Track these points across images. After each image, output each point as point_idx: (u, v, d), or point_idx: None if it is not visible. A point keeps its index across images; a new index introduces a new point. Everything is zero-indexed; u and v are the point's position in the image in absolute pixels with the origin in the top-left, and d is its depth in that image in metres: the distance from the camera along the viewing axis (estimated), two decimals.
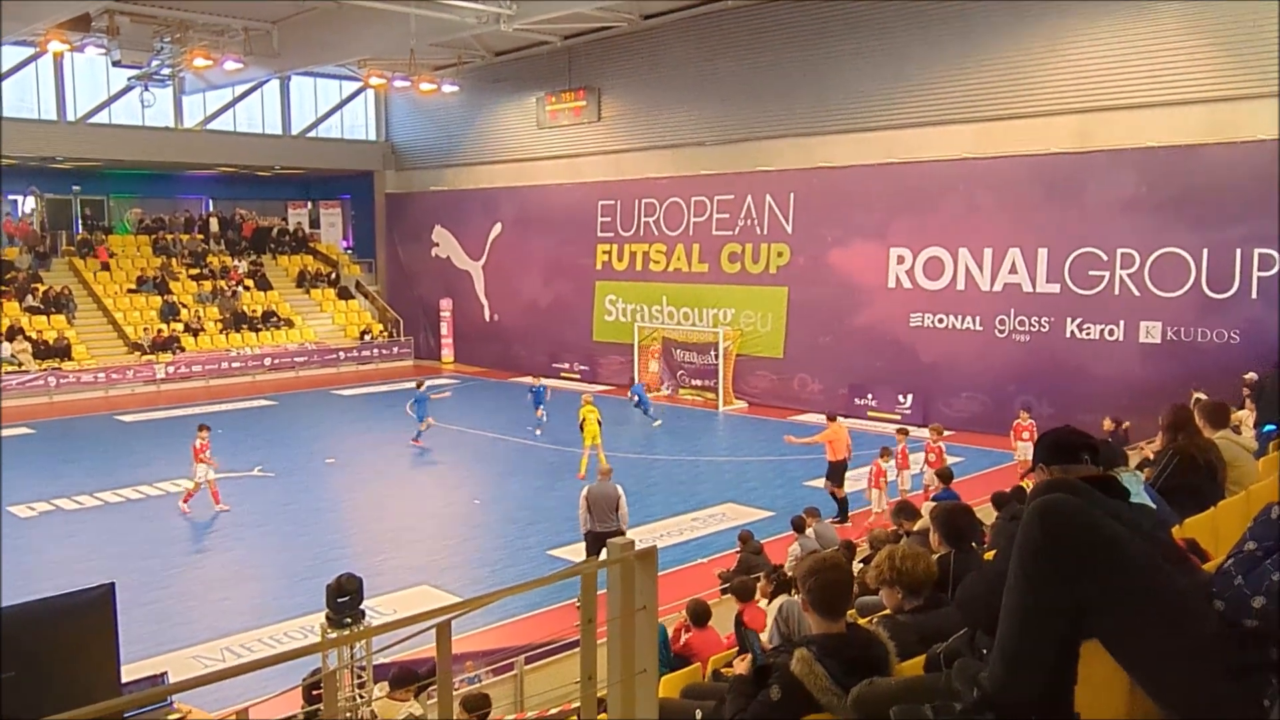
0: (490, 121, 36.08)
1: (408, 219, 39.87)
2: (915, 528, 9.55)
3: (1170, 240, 21.54)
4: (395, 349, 38.43)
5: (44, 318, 32.70)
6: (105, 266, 35.98)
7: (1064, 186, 23.15)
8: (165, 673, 10.23)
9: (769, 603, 9.75)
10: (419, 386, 24.44)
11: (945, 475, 14.21)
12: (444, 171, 38.31)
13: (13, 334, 31.15)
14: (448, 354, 37.99)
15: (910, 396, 25.51)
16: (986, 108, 24.32)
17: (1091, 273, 22.67)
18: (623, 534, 13.71)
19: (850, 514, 17.46)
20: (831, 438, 17.60)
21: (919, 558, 4.66)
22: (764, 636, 8.51)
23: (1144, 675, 2.55)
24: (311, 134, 39.42)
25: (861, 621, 4.38)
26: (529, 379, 26.58)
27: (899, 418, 24.34)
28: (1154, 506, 4.21)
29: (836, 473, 17.53)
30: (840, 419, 18.85)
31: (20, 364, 30.56)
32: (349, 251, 42.98)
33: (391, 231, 40.74)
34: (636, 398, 25.77)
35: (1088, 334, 22.83)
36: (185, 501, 18.49)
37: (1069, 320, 23.07)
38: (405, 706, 7.87)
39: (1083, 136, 22.88)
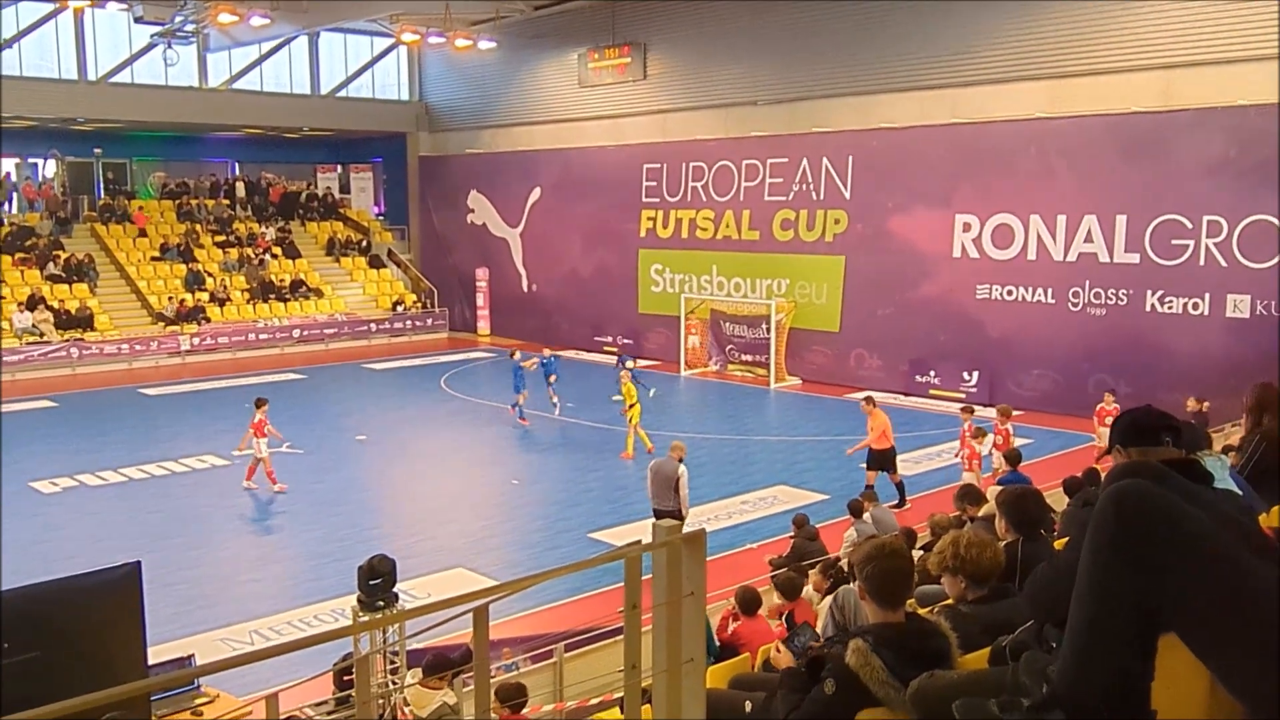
0: (529, 80, 36.05)
1: (442, 183, 40.00)
2: (980, 513, 9.51)
3: (1261, 207, 21.08)
4: (429, 320, 38.70)
5: (66, 286, 33.25)
6: (143, 233, 36.52)
7: (1145, 148, 22.72)
8: (192, 655, 10.41)
9: (821, 599, 9.72)
10: (512, 355, 24.72)
11: (1013, 457, 14.08)
12: (480, 133, 38.37)
13: (34, 303, 31.71)
14: (484, 326, 38.18)
15: (976, 374, 25.26)
16: (1060, 63, 23.87)
17: (1174, 242, 22.26)
18: (679, 516, 13.78)
19: (910, 498, 17.41)
20: (882, 426, 17.45)
21: (985, 545, 4.63)
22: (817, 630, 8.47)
23: (1226, 672, 2.52)
24: (341, 93, 39.67)
25: (922, 611, 4.37)
26: (546, 352, 25.88)
27: (964, 396, 24.12)
28: (1239, 493, 4.15)
29: (888, 460, 17.42)
30: (875, 400, 18.36)
31: (42, 334, 31.14)
32: (380, 218, 43.26)
33: (425, 197, 40.92)
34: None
35: (1169, 308, 22.46)
36: (272, 479, 18.70)
37: (1149, 293, 22.69)
38: (439, 694, 7.95)
39: (1166, 94, 22.43)
